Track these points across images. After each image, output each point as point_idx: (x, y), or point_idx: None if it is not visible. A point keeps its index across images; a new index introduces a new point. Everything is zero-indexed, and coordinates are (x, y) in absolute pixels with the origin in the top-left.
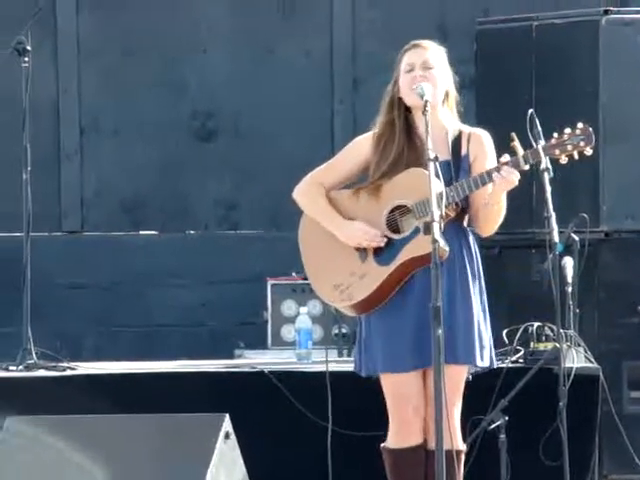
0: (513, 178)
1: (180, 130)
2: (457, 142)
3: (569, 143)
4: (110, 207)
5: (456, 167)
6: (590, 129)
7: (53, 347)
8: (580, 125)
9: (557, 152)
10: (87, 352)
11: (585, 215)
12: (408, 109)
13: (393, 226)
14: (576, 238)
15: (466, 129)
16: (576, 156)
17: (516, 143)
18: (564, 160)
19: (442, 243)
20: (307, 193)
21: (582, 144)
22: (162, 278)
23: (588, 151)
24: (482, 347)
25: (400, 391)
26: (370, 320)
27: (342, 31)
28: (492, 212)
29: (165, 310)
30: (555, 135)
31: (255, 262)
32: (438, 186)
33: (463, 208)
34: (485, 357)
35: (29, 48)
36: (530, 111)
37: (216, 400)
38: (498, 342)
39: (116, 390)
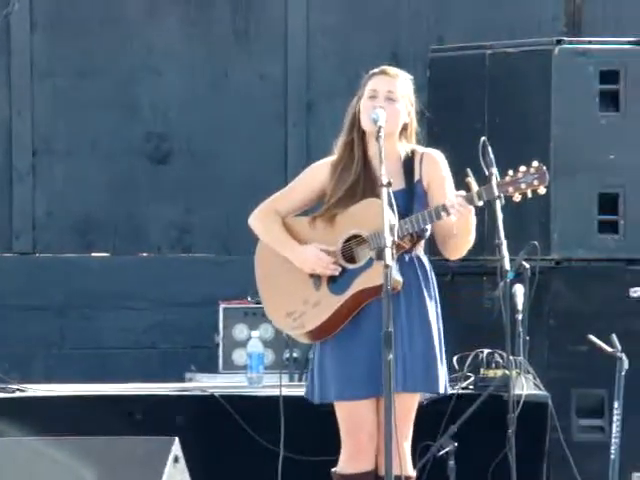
0: (467, 214)
1: (133, 152)
2: (410, 164)
3: (523, 181)
4: (62, 228)
5: (410, 194)
6: (544, 168)
7: (2, 369)
8: (535, 164)
9: (511, 190)
10: (37, 374)
11: (536, 243)
12: (364, 134)
13: (348, 255)
14: (527, 266)
15: (419, 149)
16: (529, 194)
17: (471, 179)
18: (517, 198)
19: (395, 273)
20: (262, 220)
21: (536, 183)
22: (114, 300)
23: (542, 190)
24: (441, 374)
25: (354, 418)
26: (324, 347)
27: (296, 55)
28: (462, 240)
29: (116, 332)
30: (510, 173)
31: (207, 285)
32: (391, 217)
33: (418, 236)
34: (443, 384)
35: None
36: (482, 139)
37: (165, 423)
38: (448, 368)
39: (66, 412)
